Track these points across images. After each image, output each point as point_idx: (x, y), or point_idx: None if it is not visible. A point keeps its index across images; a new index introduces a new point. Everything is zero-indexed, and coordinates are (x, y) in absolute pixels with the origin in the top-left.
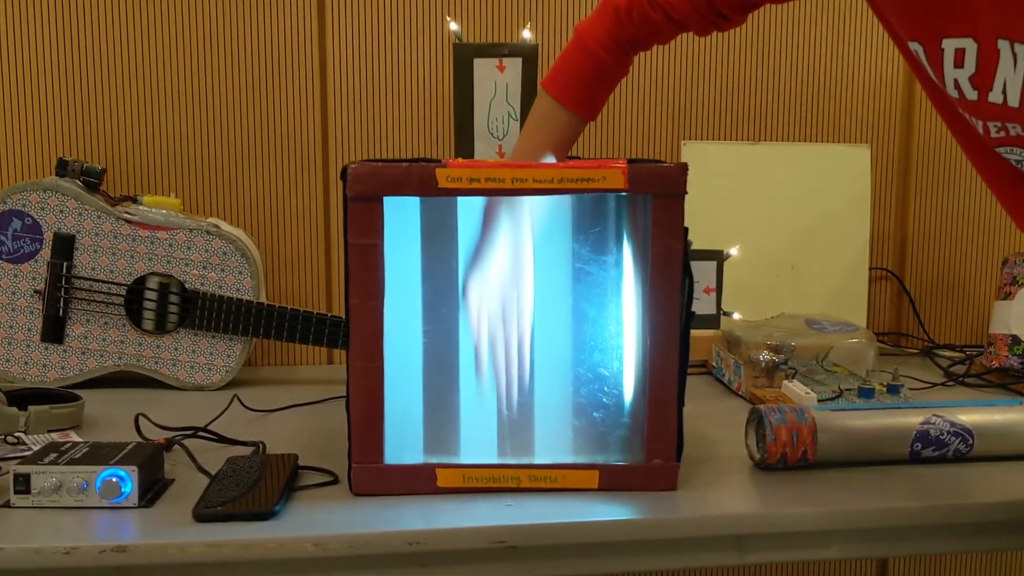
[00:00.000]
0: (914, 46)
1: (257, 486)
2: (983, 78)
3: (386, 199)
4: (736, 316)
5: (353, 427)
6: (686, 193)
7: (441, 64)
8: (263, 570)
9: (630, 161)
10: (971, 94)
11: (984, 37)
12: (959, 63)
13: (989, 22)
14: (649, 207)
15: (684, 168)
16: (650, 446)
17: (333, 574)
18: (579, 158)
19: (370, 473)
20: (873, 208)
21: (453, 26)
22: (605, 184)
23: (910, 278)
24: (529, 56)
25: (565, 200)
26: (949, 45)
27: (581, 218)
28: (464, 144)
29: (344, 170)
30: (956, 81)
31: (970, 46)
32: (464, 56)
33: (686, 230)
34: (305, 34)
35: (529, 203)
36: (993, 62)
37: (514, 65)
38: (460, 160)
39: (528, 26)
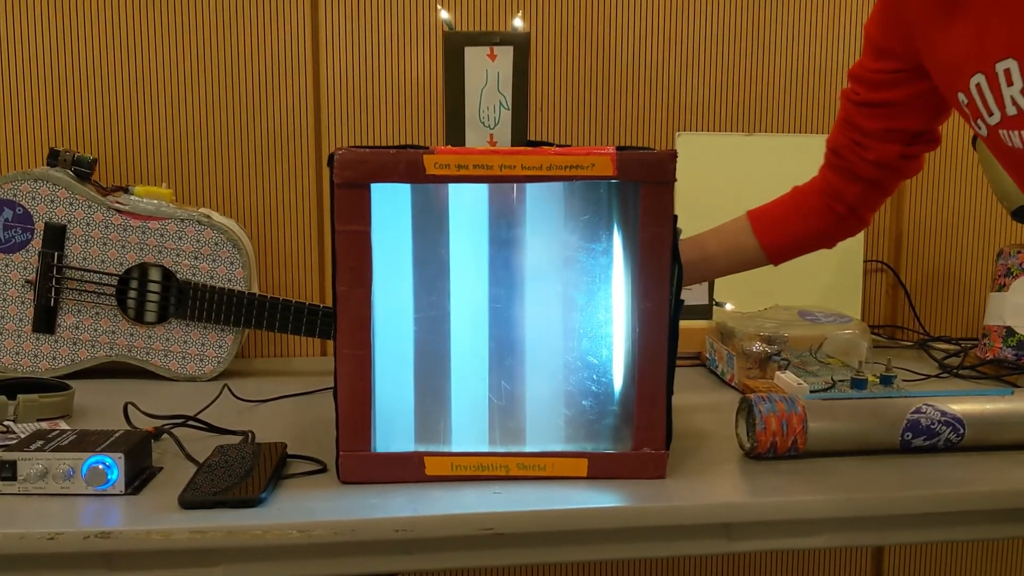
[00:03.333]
0: (976, 79)
1: (245, 474)
2: None
3: (378, 186)
4: (729, 306)
5: (341, 415)
6: (675, 180)
7: (432, 53)
8: (248, 557)
9: (619, 148)
10: None
11: (1023, 53)
12: (1009, 81)
13: None
14: (638, 194)
15: (673, 155)
16: (639, 434)
17: (318, 561)
18: (568, 145)
19: (358, 461)
20: None
21: (444, 15)
22: (594, 171)
23: (905, 271)
24: (520, 45)
25: (555, 188)
26: (1000, 67)
27: (571, 205)
28: (455, 133)
29: (331, 157)
30: (1012, 98)
31: (1013, 65)
32: (455, 45)
33: (675, 218)
34: (297, 24)
35: (525, 190)
36: None
37: (505, 54)
38: (449, 147)
39: (519, 14)
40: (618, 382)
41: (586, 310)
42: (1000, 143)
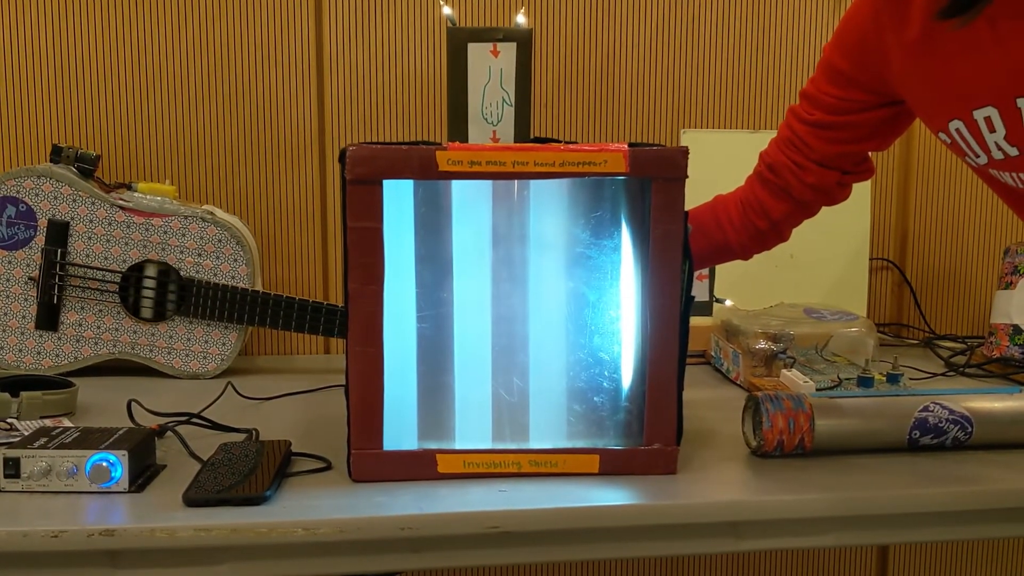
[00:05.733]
0: (955, 123)
1: (249, 472)
2: (1016, 135)
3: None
4: (728, 303)
5: (352, 413)
6: (687, 176)
7: (435, 49)
8: (252, 555)
9: (631, 145)
10: (1012, 151)
11: (1002, 101)
12: (991, 128)
13: (1006, 87)
14: (649, 191)
15: (685, 152)
16: (650, 430)
17: (324, 559)
18: (573, 142)
19: (370, 459)
20: (874, 198)
21: (447, 11)
22: (606, 168)
23: (911, 268)
24: (523, 41)
25: (559, 183)
26: (979, 115)
27: (581, 202)
28: (458, 129)
29: (343, 153)
30: (996, 144)
31: (993, 112)
32: (458, 41)
33: (686, 214)
34: (301, 20)
35: (529, 187)
36: (1018, 120)
37: (508, 50)
38: (460, 143)
39: (522, 11)
40: (628, 378)
41: (596, 307)
42: (993, 179)
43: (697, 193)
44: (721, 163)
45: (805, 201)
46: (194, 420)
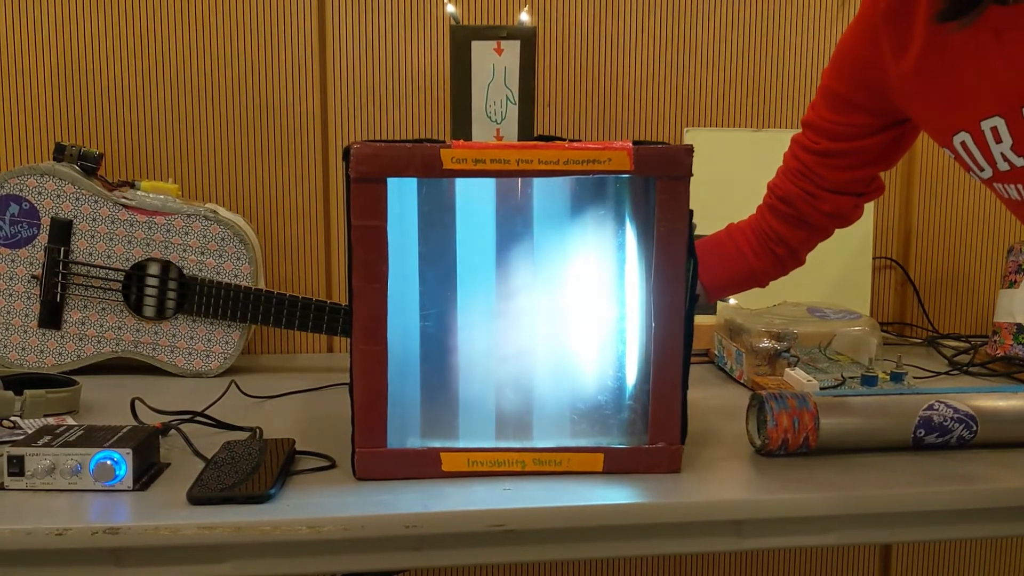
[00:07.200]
0: (961, 136)
1: (253, 470)
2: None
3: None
4: (732, 302)
5: (356, 411)
6: (691, 175)
7: (439, 47)
8: (256, 553)
9: (635, 143)
10: (1018, 161)
11: (1009, 111)
12: (998, 139)
13: (1012, 96)
14: (654, 189)
15: (690, 150)
16: (654, 429)
17: (328, 557)
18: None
19: (374, 457)
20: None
21: (450, 8)
22: (611, 166)
23: (914, 267)
24: (527, 39)
25: (563, 182)
26: (986, 125)
27: (585, 200)
28: (461, 128)
29: (347, 151)
30: (1003, 155)
31: (999, 123)
32: (461, 39)
33: (691, 213)
34: (304, 18)
35: (533, 184)
36: None
37: (512, 48)
38: (465, 141)
39: (526, 9)
40: (632, 377)
41: (600, 305)
42: (998, 192)
43: (700, 191)
44: (725, 161)
45: (822, 227)
46: (198, 418)
